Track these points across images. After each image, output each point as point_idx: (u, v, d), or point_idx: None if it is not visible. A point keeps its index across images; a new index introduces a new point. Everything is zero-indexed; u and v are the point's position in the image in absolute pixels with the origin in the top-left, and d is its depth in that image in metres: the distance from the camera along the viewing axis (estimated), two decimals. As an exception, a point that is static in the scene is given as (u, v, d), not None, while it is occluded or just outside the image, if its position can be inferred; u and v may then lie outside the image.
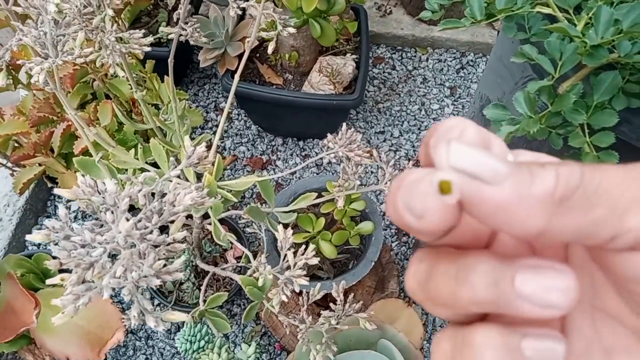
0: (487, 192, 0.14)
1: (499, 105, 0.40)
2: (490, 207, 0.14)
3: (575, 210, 0.14)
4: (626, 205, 0.13)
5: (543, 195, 0.14)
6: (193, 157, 0.44)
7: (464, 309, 0.16)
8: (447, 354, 0.16)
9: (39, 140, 0.82)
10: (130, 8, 1.03)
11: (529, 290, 0.14)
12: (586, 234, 0.14)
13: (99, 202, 0.35)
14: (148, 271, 0.33)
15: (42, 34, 0.50)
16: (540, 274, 0.14)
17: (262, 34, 0.54)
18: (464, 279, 0.15)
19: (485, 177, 0.14)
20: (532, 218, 0.14)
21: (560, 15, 0.38)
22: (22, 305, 0.74)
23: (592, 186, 0.14)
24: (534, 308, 0.14)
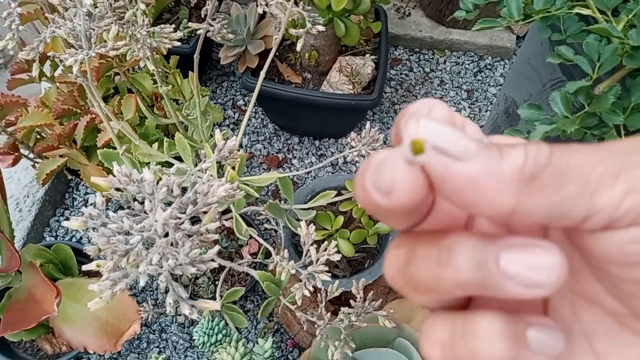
0: (456, 168, 0.13)
1: (534, 105, 0.40)
2: (459, 183, 0.13)
3: (546, 188, 0.13)
4: (597, 182, 0.13)
5: (512, 171, 0.13)
6: (224, 150, 0.45)
7: (448, 292, 0.15)
8: (445, 342, 0.16)
9: (63, 132, 0.83)
10: (155, 4, 1.04)
11: (515, 269, 0.13)
12: (558, 213, 0.14)
13: (135, 191, 0.36)
14: (184, 259, 0.34)
15: (76, 26, 0.51)
16: (525, 252, 0.14)
17: (292, 32, 0.55)
18: (447, 261, 0.15)
19: (454, 153, 0.13)
20: (501, 195, 0.13)
21: (600, 17, 0.38)
22: (43, 294, 0.75)
23: (561, 164, 0.13)
24: (521, 288, 0.14)
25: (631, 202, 0.13)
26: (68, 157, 0.87)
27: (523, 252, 0.14)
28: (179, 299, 0.33)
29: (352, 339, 0.61)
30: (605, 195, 0.13)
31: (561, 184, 0.13)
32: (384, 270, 0.17)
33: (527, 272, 0.13)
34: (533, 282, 0.13)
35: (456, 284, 0.14)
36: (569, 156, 0.14)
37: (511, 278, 0.13)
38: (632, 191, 0.13)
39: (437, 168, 0.14)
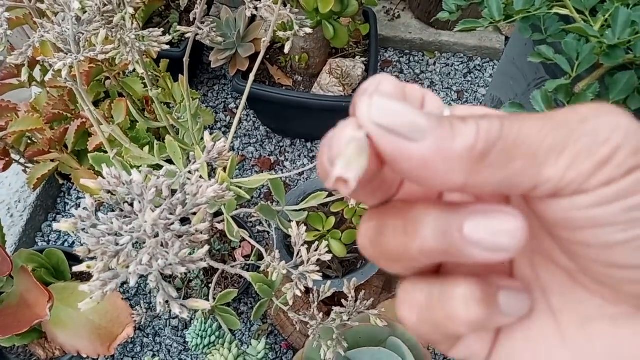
0: (408, 149, 0.14)
1: (516, 104, 0.41)
2: (411, 164, 0.14)
3: (494, 166, 0.14)
4: (544, 155, 0.14)
5: (463, 151, 0.14)
6: (213, 151, 0.45)
7: (415, 261, 0.16)
8: (422, 306, 0.17)
9: (54, 136, 0.83)
10: (144, 8, 1.04)
11: (479, 235, 0.14)
12: (507, 186, 0.14)
13: (124, 192, 0.36)
14: (173, 259, 0.34)
15: (65, 31, 0.51)
16: (488, 218, 0.14)
17: (280, 34, 0.55)
18: (413, 232, 0.15)
19: (405, 133, 0.14)
20: (453, 174, 0.14)
21: (578, 17, 0.39)
22: (36, 298, 0.75)
23: (511, 137, 0.14)
24: (485, 253, 0.14)
25: (573, 174, 0.14)
26: (59, 161, 0.87)
27: (486, 219, 0.14)
28: (169, 298, 0.34)
29: (344, 338, 0.62)
30: (551, 169, 0.14)
31: (510, 159, 0.14)
32: (358, 240, 0.18)
33: (491, 237, 0.14)
34: (497, 247, 0.14)
35: (422, 253, 0.15)
36: (519, 127, 0.14)
37: (475, 244, 0.14)
38: (574, 164, 0.13)
39: (388, 149, 0.14)
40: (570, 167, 0.14)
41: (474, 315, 0.15)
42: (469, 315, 0.15)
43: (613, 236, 0.14)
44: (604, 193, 0.13)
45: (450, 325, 0.16)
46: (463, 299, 0.15)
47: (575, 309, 0.16)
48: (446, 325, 0.16)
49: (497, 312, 0.16)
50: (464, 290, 0.16)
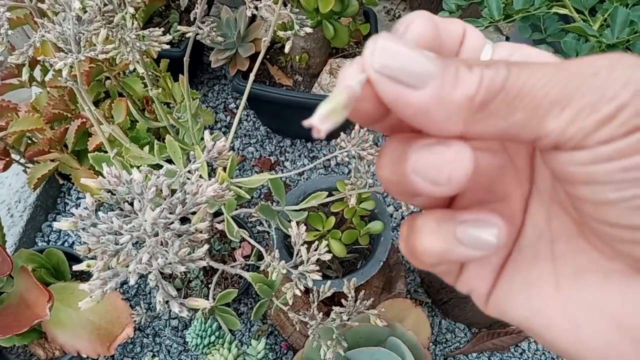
0: (408, 97, 0.14)
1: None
2: (411, 110, 0.14)
3: (494, 116, 0.14)
4: (547, 108, 0.14)
5: (462, 100, 0.14)
6: (213, 151, 0.45)
7: (387, 188, 0.17)
8: (404, 235, 0.18)
9: (54, 136, 0.83)
10: (145, 8, 1.04)
11: (418, 165, 0.14)
12: (508, 135, 0.14)
13: (124, 192, 0.36)
14: (173, 258, 0.34)
15: (66, 30, 0.52)
16: (430, 151, 0.14)
17: (280, 34, 0.55)
18: (377, 162, 0.16)
19: (406, 80, 0.14)
20: (450, 122, 0.14)
21: (577, 16, 0.39)
22: (36, 298, 0.75)
23: (515, 88, 0.14)
24: (426, 184, 0.14)
25: (574, 129, 0.13)
26: (59, 161, 0.87)
27: (428, 151, 0.14)
28: (168, 297, 0.34)
29: (344, 338, 0.62)
30: (552, 122, 0.14)
31: (511, 110, 0.14)
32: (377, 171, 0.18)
33: (429, 169, 0.14)
34: (433, 179, 0.14)
35: (383, 180, 0.16)
36: (526, 77, 0.14)
37: (416, 173, 0.15)
38: (577, 119, 0.13)
39: (388, 95, 0.14)
40: (572, 122, 0.13)
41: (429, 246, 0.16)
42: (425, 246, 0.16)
43: (607, 194, 0.14)
44: (602, 150, 0.13)
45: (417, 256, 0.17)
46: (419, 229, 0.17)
47: (575, 258, 0.17)
48: (415, 256, 0.17)
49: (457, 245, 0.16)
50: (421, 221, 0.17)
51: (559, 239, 0.17)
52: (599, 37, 0.37)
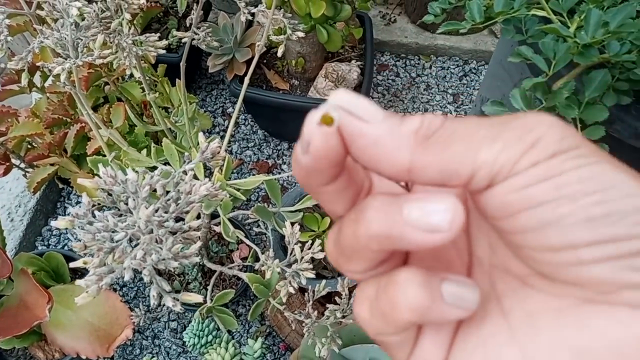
0: (364, 128, 0.16)
1: (497, 102, 0.42)
2: (366, 140, 0.16)
3: (436, 146, 0.16)
4: (479, 142, 0.15)
5: (409, 132, 0.16)
6: (207, 152, 0.47)
7: (366, 249, 0.17)
8: (372, 297, 0.17)
9: (54, 140, 0.84)
10: (143, 15, 1.06)
11: (415, 215, 0.15)
12: (448, 171, 0.15)
13: (120, 191, 0.37)
14: (167, 254, 0.35)
15: (63, 37, 0.53)
16: (425, 201, 0.15)
17: (272, 38, 0.57)
18: (361, 217, 0.16)
19: (363, 116, 0.16)
20: (399, 152, 0.16)
21: (554, 18, 0.40)
22: (35, 300, 0.76)
23: (451, 129, 0.16)
24: (422, 234, 0.15)
25: (505, 157, 0.15)
26: (59, 165, 0.88)
27: (423, 202, 0.15)
28: (161, 292, 0.35)
29: (339, 336, 0.63)
30: (485, 152, 0.15)
31: (450, 143, 0.16)
32: (326, 251, 0.19)
33: (426, 216, 0.15)
34: (432, 226, 0.15)
35: (369, 237, 0.16)
36: (459, 123, 0.16)
37: (413, 224, 0.15)
38: (506, 148, 0.15)
39: (348, 128, 0.16)
40: (502, 151, 0.15)
41: (416, 298, 0.16)
42: (409, 299, 0.16)
43: (545, 215, 0.15)
44: (532, 173, 0.15)
45: (395, 313, 0.16)
46: (405, 282, 0.16)
47: (523, 306, 0.17)
48: (392, 314, 0.17)
49: (440, 301, 0.16)
50: (406, 274, 0.16)
51: (505, 295, 0.18)
52: (574, 38, 0.38)
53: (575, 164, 0.15)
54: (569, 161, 0.15)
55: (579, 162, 0.15)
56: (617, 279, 0.15)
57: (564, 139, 0.15)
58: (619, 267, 0.15)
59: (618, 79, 0.42)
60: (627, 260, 0.14)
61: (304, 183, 0.17)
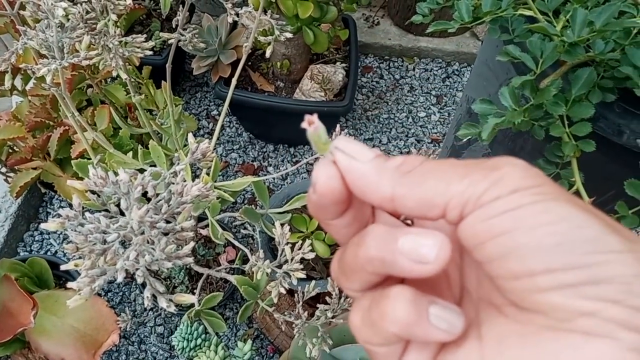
0: (355, 164, 0.19)
1: (486, 100, 0.43)
2: (357, 174, 0.19)
3: (413, 180, 0.18)
4: (451, 178, 0.18)
5: (392, 167, 0.19)
6: (197, 152, 0.46)
7: (361, 270, 0.19)
8: (365, 306, 0.20)
9: (36, 144, 0.83)
10: (126, 17, 1.05)
11: (408, 246, 0.17)
12: (425, 201, 0.18)
13: (111, 192, 0.37)
14: (160, 255, 0.35)
15: (49, 37, 0.52)
16: (417, 235, 0.18)
17: (261, 39, 0.57)
18: (362, 242, 0.19)
19: (354, 156, 0.19)
20: (383, 183, 0.19)
21: (541, 17, 0.41)
22: (19, 306, 0.74)
23: (428, 167, 0.19)
24: (412, 263, 0.17)
25: (472, 190, 0.17)
26: (42, 169, 0.87)
27: (416, 235, 0.18)
28: (156, 293, 0.34)
29: (329, 336, 0.63)
30: (455, 186, 0.18)
31: (426, 178, 0.18)
32: (331, 269, 0.22)
33: (416, 248, 0.17)
34: (421, 258, 0.17)
35: (367, 259, 0.19)
36: (435, 163, 0.19)
37: (405, 254, 0.18)
38: (473, 183, 0.17)
39: (342, 163, 0.19)
40: (470, 186, 0.17)
41: (401, 313, 0.18)
42: (397, 312, 0.18)
43: (505, 244, 0.17)
44: (494, 206, 0.17)
45: (383, 324, 0.18)
46: (395, 296, 0.18)
47: (495, 332, 0.19)
48: (380, 324, 0.18)
49: (426, 320, 0.18)
50: (398, 290, 0.18)
51: (484, 322, 0.20)
52: (561, 37, 0.39)
53: (533, 199, 0.17)
54: (528, 197, 0.17)
55: (537, 197, 0.17)
56: (571, 306, 0.16)
57: (525, 177, 0.17)
58: (572, 294, 0.16)
59: (603, 76, 0.43)
60: (578, 289, 0.16)
61: (316, 217, 0.21)
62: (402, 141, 1.36)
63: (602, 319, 0.16)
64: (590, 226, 0.16)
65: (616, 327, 0.15)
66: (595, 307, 0.16)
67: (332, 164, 0.19)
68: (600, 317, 0.16)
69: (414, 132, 1.38)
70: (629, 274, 0.15)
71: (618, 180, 0.44)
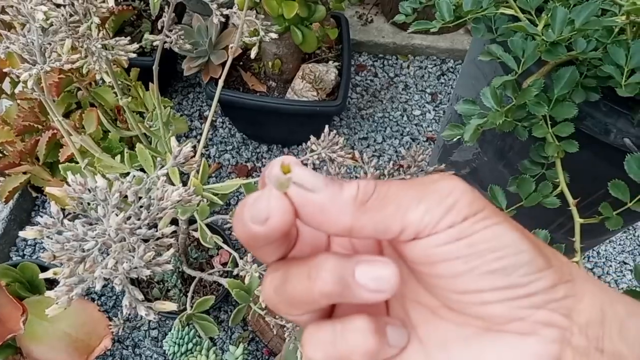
0: (310, 197, 0.18)
1: (469, 100, 0.42)
2: (313, 208, 0.18)
3: (372, 209, 0.19)
4: (407, 205, 0.18)
5: (348, 198, 0.19)
6: (180, 157, 0.46)
7: (316, 303, 0.19)
8: (327, 342, 0.20)
9: (25, 148, 0.82)
10: (115, 18, 1.04)
11: (365, 280, 0.18)
12: (382, 228, 0.19)
13: (90, 199, 0.36)
14: (138, 262, 0.34)
15: (30, 42, 0.52)
16: (371, 266, 0.19)
17: (246, 40, 0.56)
18: (316, 277, 0.19)
19: (308, 187, 0.18)
20: (341, 216, 0.19)
21: (522, 16, 0.41)
22: (9, 312, 0.74)
23: (382, 192, 0.19)
24: (370, 293, 0.18)
25: (428, 218, 0.18)
26: (31, 173, 0.86)
27: (370, 266, 0.19)
28: (134, 301, 0.34)
29: (320, 339, 0.62)
30: (412, 214, 0.18)
31: (383, 206, 0.19)
32: (262, 292, 0.21)
33: (374, 281, 0.18)
34: (378, 289, 0.18)
35: (323, 294, 0.19)
36: (388, 186, 0.19)
37: (362, 286, 0.18)
38: (429, 211, 0.18)
39: (297, 198, 0.18)
40: (426, 212, 0.18)
41: (371, 344, 0.19)
42: (367, 345, 0.19)
43: (458, 267, 0.18)
44: (449, 233, 0.18)
45: (351, 357, 0.19)
46: (362, 332, 0.19)
47: (436, 335, 0.21)
48: (349, 357, 0.19)
49: (385, 343, 0.20)
50: (362, 323, 0.19)
51: (419, 325, 0.21)
52: (542, 36, 0.38)
53: (482, 226, 0.18)
54: (477, 223, 0.18)
55: (484, 223, 0.18)
56: (509, 314, 0.19)
57: (472, 203, 0.19)
58: (511, 306, 0.19)
59: (586, 75, 0.42)
60: (516, 301, 0.19)
61: (247, 245, 0.19)
62: (397, 140, 1.36)
63: (531, 322, 0.19)
64: (526, 251, 0.19)
65: (541, 327, 0.19)
66: (526, 313, 0.19)
67: (283, 197, 0.18)
68: (529, 321, 0.19)
69: (408, 130, 1.38)
70: (548, 286, 0.19)
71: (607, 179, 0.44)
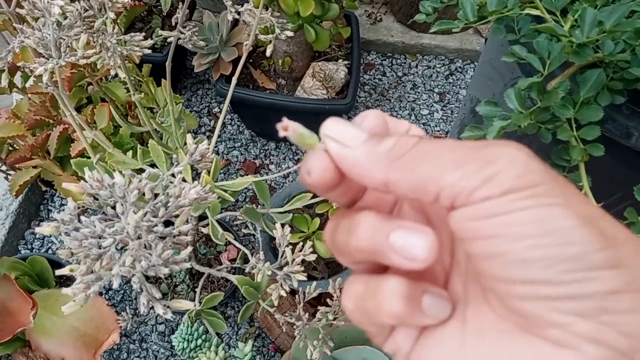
0: (345, 151, 0.19)
1: (491, 102, 0.42)
2: (348, 162, 0.19)
3: (406, 166, 0.18)
4: (444, 166, 0.17)
5: (382, 152, 0.18)
6: (196, 154, 0.46)
7: (352, 255, 0.20)
8: (359, 294, 0.20)
9: (36, 142, 0.82)
10: (126, 14, 1.04)
11: (399, 244, 0.18)
12: (418, 188, 0.18)
13: (107, 195, 0.36)
14: (156, 260, 0.34)
15: (46, 36, 0.51)
16: (409, 233, 0.18)
17: (262, 37, 0.56)
18: (352, 232, 0.19)
19: (344, 142, 0.19)
20: (375, 169, 0.18)
21: (548, 17, 0.40)
22: (19, 306, 0.74)
23: (422, 150, 0.18)
24: (402, 259, 0.18)
25: (462, 185, 0.17)
26: (41, 167, 0.86)
27: (407, 233, 0.18)
28: (151, 299, 0.34)
29: (330, 338, 0.62)
30: (448, 177, 0.17)
31: (419, 164, 0.18)
32: (324, 236, 0.22)
33: (408, 247, 0.18)
34: (410, 256, 0.18)
35: (357, 249, 0.19)
36: (432, 145, 0.18)
37: (396, 251, 0.18)
38: (465, 177, 0.17)
39: (333, 152, 0.19)
40: (461, 179, 0.17)
41: (397, 308, 0.18)
42: (392, 307, 0.18)
43: (489, 249, 0.17)
44: (483, 207, 0.16)
45: (377, 315, 0.19)
46: (390, 293, 0.19)
47: (479, 320, 0.19)
48: (374, 315, 0.19)
49: (418, 310, 0.19)
50: (393, 285, 0.19)
51: (470, 305, 0.20)
52: (569, 37, 0.38)
53: (523, 205, 0.16)
54: (518, 201, 0.16)
55: (527, 202, 0.16)
56: (545, 317, 0.16)
57: (521, 176, 0.16)
58: (546, 307, 0.16)
59: (612, 78, 0.42)
60: (553, 302, 0.16)
61: (311, 189, 0.20)
62: (405, 139, 1.35)
63: (571, 332, 0.16)
64: (577, 242, 0.16)
65: (583, 341, 0.16)
66: (565, 320, 0.16)
67: (324, 154, 0.19)
68: (569, 331, 0.16)
69: (416, 129, 1.37)
70: (606, 291, 0.16)
71: (625, 182, 0.43)
